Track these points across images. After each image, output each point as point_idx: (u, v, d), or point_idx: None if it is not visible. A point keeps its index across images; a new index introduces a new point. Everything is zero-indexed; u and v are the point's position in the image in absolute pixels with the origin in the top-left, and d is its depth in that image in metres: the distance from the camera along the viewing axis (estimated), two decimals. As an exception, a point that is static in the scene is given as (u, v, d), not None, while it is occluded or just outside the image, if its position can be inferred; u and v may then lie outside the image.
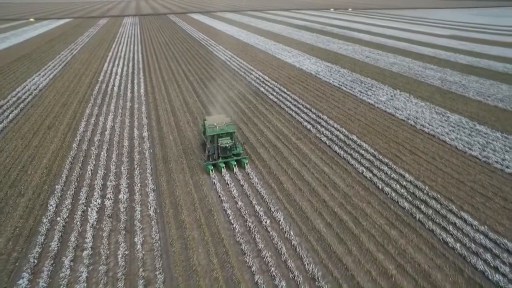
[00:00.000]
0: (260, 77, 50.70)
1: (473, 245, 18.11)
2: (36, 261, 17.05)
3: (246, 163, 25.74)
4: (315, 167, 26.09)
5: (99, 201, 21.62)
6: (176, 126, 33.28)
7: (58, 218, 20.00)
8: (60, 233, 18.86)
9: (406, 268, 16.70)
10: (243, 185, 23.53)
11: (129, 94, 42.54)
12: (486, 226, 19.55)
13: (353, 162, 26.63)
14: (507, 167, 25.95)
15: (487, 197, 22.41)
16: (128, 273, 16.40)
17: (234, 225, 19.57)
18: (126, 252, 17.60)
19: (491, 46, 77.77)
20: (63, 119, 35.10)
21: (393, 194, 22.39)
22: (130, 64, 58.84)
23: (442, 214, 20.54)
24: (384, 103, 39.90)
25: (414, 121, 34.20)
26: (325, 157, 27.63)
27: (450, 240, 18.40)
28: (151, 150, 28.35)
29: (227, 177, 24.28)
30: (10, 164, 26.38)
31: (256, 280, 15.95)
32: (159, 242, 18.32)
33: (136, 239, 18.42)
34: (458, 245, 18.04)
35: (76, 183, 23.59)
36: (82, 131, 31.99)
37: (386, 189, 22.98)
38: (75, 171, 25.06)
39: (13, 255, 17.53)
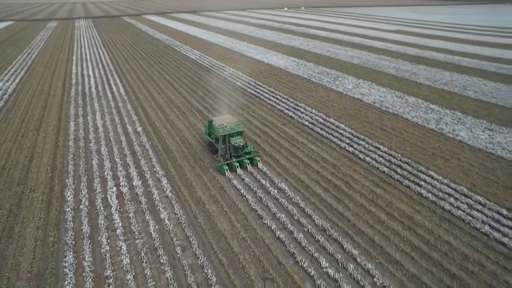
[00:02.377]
0: (234, 73, 53.30)
1: (440, 193, 22.59)
2: (73, 242, 18.49)
3: (258, 161, 26.21)
4: (303, 146, 29.50)
5: (115, 189, 23.14)
6: (166, 121, 34.96)
7: (81, 206, 21.30)
8: (87, 218, 20.29)
9: (394, 215, 20.61)
10: (245, 165, 26.30)
11: (109, 95, 43.02)
12: (447, 179, 24.22)
13: (335, 140, 30.46)
14: (457, 135, 31.34)
15: (445, 158, 27.31)
16: (163, 243, 18.48)
17: (247, 197, 22.29)
18: (156, 227, 19.60)
19: (432, 40, 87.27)
20: (48, 120, 35.11)
21: (374, 162, 26.48)
22: (100, 66, 58.35)
23: (414, 174, 24.95)
24: (351, 90, 44.63)
25: (380, 104, 39.10)
26: (310, 138, 31.17)
27: (423, 191, 22.71)
28: (149, 143, 29.96)
29: (229, 159, 26.82)
30: (9, 165, 26.62)
31: (277, 236, 18.88)
32: (183, 216, 20.49)
33: (162, 216, 20.44)
34: (429, 195, 22.38)
35: (86, 176, 24.76)
36: (73, 130, 32.53)
37: (367, 159, 27.01)
38: (81, 166, 26.10)
39: (49, 239, 18.75)
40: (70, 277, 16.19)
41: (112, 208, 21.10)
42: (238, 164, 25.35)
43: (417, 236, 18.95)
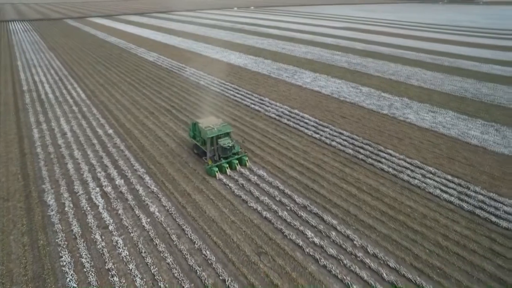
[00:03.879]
0: (196, 73, 53.98)
1: (398, 167, 25.87)
2: (66, 242, 18.63)
3: (247, 160, 26.43)
4: (274, 136, 31.52)
5: (98, 189, 23.29)
6: (136, 122, 34.98)
7: (66, 209, 21.27)
8: (75, 219, 20.39)
9: (363, 188, 23.35)
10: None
11: (70, 100, 41.62)
12: (403, 155, 27.68)
13: (302, 128, 32.90)
14: (406, 118, 35.43)
15: (399, 138, 30.95)
16: (158, 233, 19.32)
17: (229, 185, 23.73)
18: (148, 220, 20.33)
19: (376, 35, 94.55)
20: (6, 129, 33.38)
21: (339, 146, 29.26)
22: (52, 72, 55.60)
23: (375, 153, 28.09)
24: (310, 83, 47.71)
25: (337, 95, 42.47)
26: (279, 128, 33.30)
27: (384, 167, 25.83)
28: (124, 143, 30.04)
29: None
30: (-27, 177, 25.36)
31: (264, 216, 20.60)
32: (172, 208, 21.41)
33: (151, 209, 21.18)
34: (390, 169, 25.54)
35: (64, 180, 24.45)
36: (38, 137, 31.39)
37: (333, 143, 29.75)
38: (56, 171, 25.63)
39: (38, 243, 18.67)
40: (71, 275, 16.50)
41: (100, 207, 21.36)
42: (227, 165, 25.39)
43: (384, 204, 21.78)
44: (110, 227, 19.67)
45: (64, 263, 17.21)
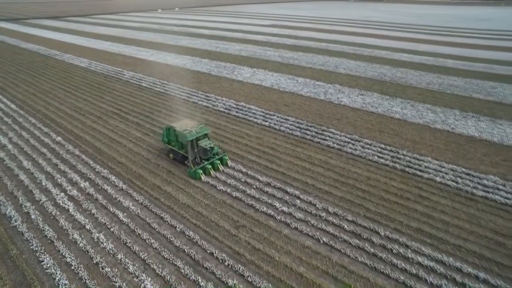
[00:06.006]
0: (135, 76, 53.10)
1: (341, 142, 29.98)
2: (43, 247, 18.47)
3: (227, 159, 26.73)
4: (226, 127, 33.58)
5: (62, 194, 22.92)
6: (85, 127, 33.96)
7: (33, 217, 20.75)
8: (46, 225, 20.10)
9: (315, 163, 26.76)
10: (184, 151, 28.80)
11: (-2, 112, 38.33)
12: (344, 133, 31.98)
13: (251, 118, 35.49)
14: (341, 101, 40.29)
15: (338, 119, 35.37)
16: (138, 225, 20.15)
17: (197, 174, 25.24)
18: (124, 214, 20.96)
19: (302, 31, 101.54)
20: None
21: (288, 130, 32.53)
22: (-34, 84, 49.79)
23: (320, 133, 31.93)
24: (250, 78, 50.62)
25: (277, 86, 46.03)
26: (229, 120, 35.44)
27: (330, 143, 29.72)
28: (78, 149, 29.28)
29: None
30: None
31: (234, 196, 22.68)
32: (146, 201, 22.25)
33: (125, 205, 21.78)
34: (335, 145, 29.50)
35: (20, 191, 23.44)
36: (-26, 153, 28.95)
37: (282, 128, 32.91)
38: (7, 183, 24.34)
39: (10, 254, 18.19)
40: (59, 274, 16.67)
41: (70, 210, 21.26)
42: (210, 167, 25.37)
43: (335, 173, 25.41)
44: (87, 226, 19.89)
45: (47, 265, 17.23)
